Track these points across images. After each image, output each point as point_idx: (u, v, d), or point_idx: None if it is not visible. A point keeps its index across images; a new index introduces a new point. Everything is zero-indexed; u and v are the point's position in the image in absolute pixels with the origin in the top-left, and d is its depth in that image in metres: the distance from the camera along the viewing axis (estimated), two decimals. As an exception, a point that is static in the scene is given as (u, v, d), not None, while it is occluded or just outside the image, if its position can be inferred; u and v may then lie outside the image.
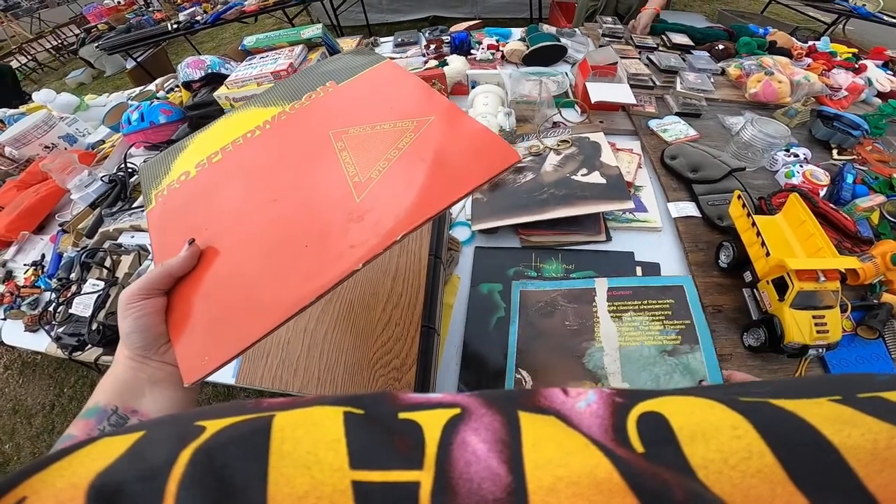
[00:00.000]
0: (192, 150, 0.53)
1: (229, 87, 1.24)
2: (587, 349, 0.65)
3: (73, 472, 0.16)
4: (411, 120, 0.43)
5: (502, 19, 3.69)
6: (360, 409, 0.20)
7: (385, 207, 0.37)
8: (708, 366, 0.60)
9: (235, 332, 0.34)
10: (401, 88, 0.49)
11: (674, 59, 1.31)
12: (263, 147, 0.49)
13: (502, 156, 0.38)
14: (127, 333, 0.34)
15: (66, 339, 0.84)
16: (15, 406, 1.81)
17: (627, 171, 0.92)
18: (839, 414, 0.17)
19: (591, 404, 0.20)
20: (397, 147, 0.41)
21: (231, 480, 0.16)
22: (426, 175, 0.38)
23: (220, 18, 2.90)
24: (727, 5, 3.56)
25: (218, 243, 0.40)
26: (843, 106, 1.15)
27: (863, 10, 2.18)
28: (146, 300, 0.35)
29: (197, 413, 0.21)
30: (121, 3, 4.83)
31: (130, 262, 0.89)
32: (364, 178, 0.40)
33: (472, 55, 1.45)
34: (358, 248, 0.35)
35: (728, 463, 0.16)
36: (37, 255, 1.07)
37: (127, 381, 0.34)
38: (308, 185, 0.42)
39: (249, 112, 0.55)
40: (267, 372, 0.65)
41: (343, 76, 0.54)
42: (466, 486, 0.16)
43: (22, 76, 4.71)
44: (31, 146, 1.38)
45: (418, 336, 0.63)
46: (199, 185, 0.47)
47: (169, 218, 0.45)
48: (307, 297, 0.34)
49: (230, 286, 0.37)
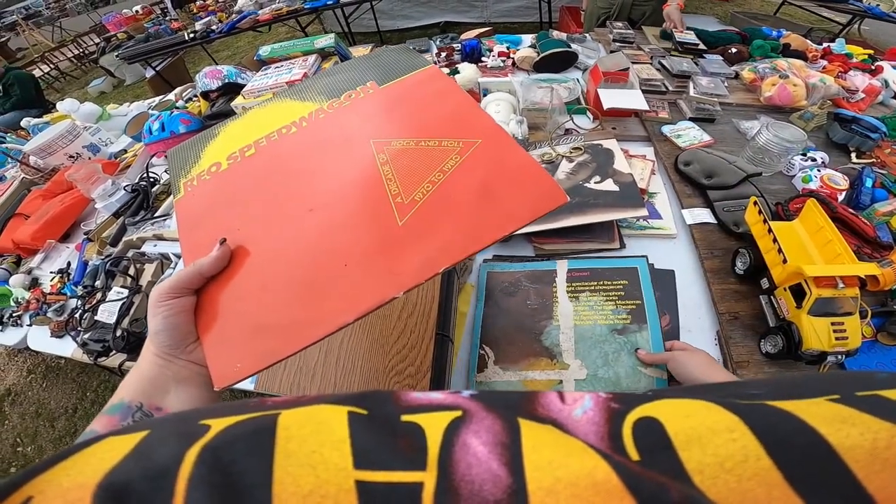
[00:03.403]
0: (223, 139, 0.51)
1: (246, 96, 1.27)
2: (545, 327, 0.69)
3: (80, 471, 0.16)
4: (457, 141, 0.42)
5: (512, 24, 3.70)
6: (363, 409, 0.20)
7: (429, 236, 0.36)
8: (653, 343, 0.66)
9: (270, 344, 0.34)
10: (446, 102, 0.46)
11: (686, 64, 1.31)
12: (300, 147, 0.47)
13: (550, 195, 0.36)
14: (156, 332, 0.34)
15: (91, 344, 0.87)
16: (38, 409, 1.85)
17: (641, 177, 0.91)
18: (837, 413, 0.16)
19: (588, 411, 0.20)
20: (442, 170, 0.40)
21: (238, 478, 0.16)
22: (471, 206, 0.37)
23: (234, 27, 2.97)
24: (740, 7, 3.52)
25: (250, 246, 0.39)
26: (861, 108, 1.14)
27: (877, 10, 2.15)
28: (176, 299, 0.35)
29: (201, 412, 0.21)
30: (139, 13, 4.95)
31: (153, 271, 0.92)
32: (407, 200, 0.38)
33: (483, 63, 1.46)
34: (399, 275, 0.35)
35: (724, 467, 0.16)
36: (62, 263, 1.11)
37: (153, 379, 0.34)
38: (347, 199, 0.41)
39: (285, 105, 0.52)
40: (286, 378, 0.66)
41: (385, 77, 0.51)
42: (468, 488, 0.16)
43: (45, 84, 4.85)
44: (56, 155, 1.42)
45: (433, 344, 0.63)
46: (231, 181, 0.46)
47: (198, 212, 0.44)
48: (346, 318, 0.33)
49: (264, 294, 0.36)
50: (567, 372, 0.65)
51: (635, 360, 0.64)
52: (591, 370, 0.65)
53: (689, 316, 0.72)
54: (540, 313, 0.69)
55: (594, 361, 0.64)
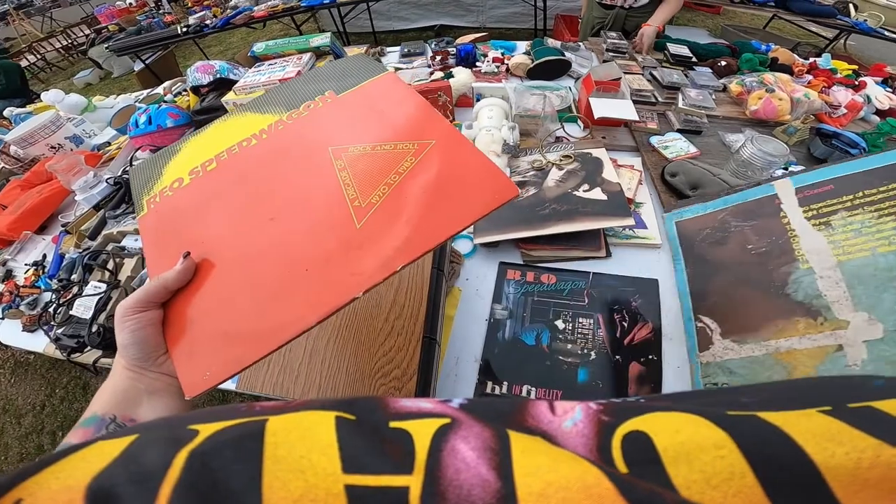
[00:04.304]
0: (185, 154, 0.52)
1: (237, 92, 1.26)
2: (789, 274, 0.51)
3: (69, 474, 0.17)
4: (412, 143, 0.43)
5: (507, 30, 3.73)
6: (351, 414, 0.20)
7: (386, 237, 0.37)
8: None
9: (237, 351, 0.35)
10: (402, 106, 0.48)
11: (676, 76, 1.33)
12: (260, 158, 0.48)
13: (502, 189, 0.38)
14: (124, 346, 0.35)
15: (65, 340, 0.84)
16: (5, 405, 1.81)
17: (628, 187, 0.92)
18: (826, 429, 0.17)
19: (578, 423, 0.20)
20: (398, 171, 0.41)
21: (226, 484, 0.16)
22: (426, 205, 0.38)
23: (229, 23, 2.94)
24: (730, 20, 3.60)
25: (214, 258, 0.40)
26: (842, 124, 1.16)
27: (864, 26, 2.21)
28: (142, 313, 0.36)
29: (190, 417, 0.21)
30: (132, 5, 4.89)
31: (133, 266, 0.90)
32: (364, 203, 0.40)
33: (478, 67, 1.46)
34: (358, 276, 0.36)
35: (710, 483, 0.16)
36: (38, 255, 1.08)
37: (125, 391, 0.35)
38: (307, 206, 0.42)
39: (245, 118, 0.53)
40: (268, 378, 0.65)
41: (342, 86, 0.53)
42: (456, 492, 0.16)
43: (30, 75, 4.75)
44: (38, 146, 1.39)
45: (420, 346, 0.63)
46: (193, 195, 0.47)
47: (163, 228, 0.45)
48: (309, 321, 0.34)
49: (229, 303, 0.38)
50: (846, 332, 0.47)
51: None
52: (891, 323, 0.44)
53: (671, 324, 0.72)
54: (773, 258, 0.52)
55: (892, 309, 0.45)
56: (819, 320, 0.48)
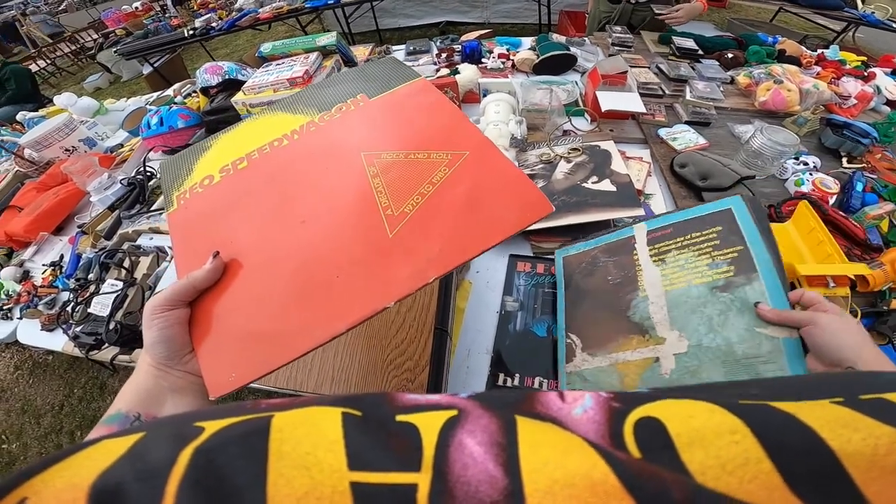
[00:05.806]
0: (215, 152, 0.52)
1: (246, 93, 1.27)
2: (631, 301, 0.60)
3: (74, 472, 0.17)
4: (445, 153, 0.42)
5: (512, 26, 3.73)
6: (357, 410, 0.20)
7: (419, 248, 0.37)
8: (770, 295, 0.50)
9: (264, 354, 0.34)
10: (435, 113, 0.47)
11: (683, 68, 1.32)
12: (292, 160, 0.47)
13: (536, 205, 0.37)
14: (151, 343, 0.35)
15: (83, 338, 0.86)
16: (24, 406, 1.83)
17: (637, 179, 0.92)
18: (840, 417, 0.16)
19: (588, 410, 0.20)
20: (431, 182, 0.40)
21: (231, 480, 0.16)
22: (460, 218, 0.38)
23: (234, 25, 2.96)
24: (737, 14, 3.57)
25: (243, 258, 0.40)
26: (853, 114, 1.15)
27: (872, 18, 2.18)
28: (170, 311, 0.36)
29: (195, 414, 0.21)
30: (138, 9, 4.93)
31: (149, 264, 0.92)
32: (397, 213, 0.39)
33: (483, 64, 1.47)
34: (389, 286, 0.35)
35: (725, 469, 0.16)
36: (55, 255, 1.10)
37: (149, 390, 0.35)
38: (338, 211, 0.41)
39: (276, 117, 0.53)
40: (282, 372, 0.66)
41: (375, 90, 0.52)
42: (464, 489, 0.16)
43: (41, 80, 4.82)
44: (52, 148, 1.41)
45: (431, 338, 0.64)
46: (224, 194, 0.46)
47: (192, 226, 0.45)
48: (338, 328, 0.34)
49: (257, 305, 0.37)
50: (663, 347, 0.56)
51: (749, 319, 0.51)
52: (694, 340, 0.54)
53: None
54: (624, 287, 0.61)
55: (696, 329, 0.54)
56: (646, 337, 0.57)
